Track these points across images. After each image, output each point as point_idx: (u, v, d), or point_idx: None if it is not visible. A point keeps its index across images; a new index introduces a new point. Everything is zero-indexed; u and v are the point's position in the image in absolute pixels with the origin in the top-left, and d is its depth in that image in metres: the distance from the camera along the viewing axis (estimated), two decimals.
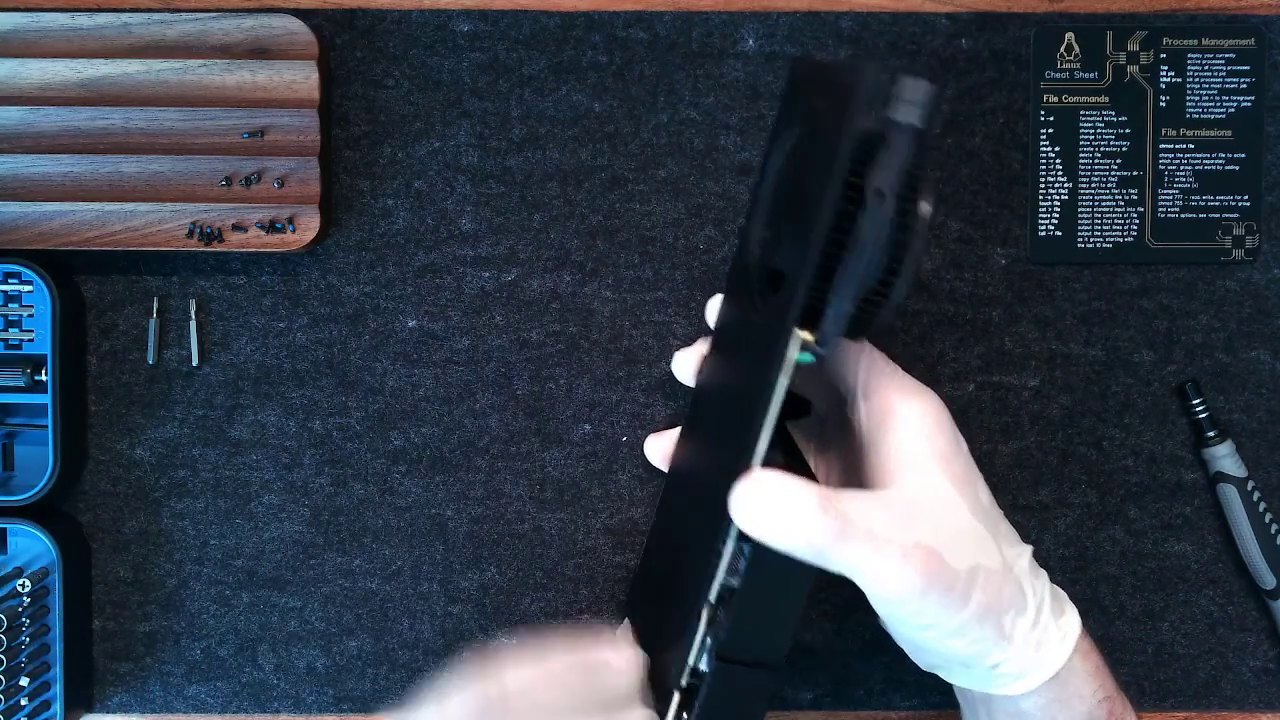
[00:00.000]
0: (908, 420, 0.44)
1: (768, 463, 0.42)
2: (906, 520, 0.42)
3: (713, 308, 0.52)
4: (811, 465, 0.51)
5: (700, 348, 0.52)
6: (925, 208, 0.39)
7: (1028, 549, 0.46)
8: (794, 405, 0.49)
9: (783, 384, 0.41)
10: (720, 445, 0.46)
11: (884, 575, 0.41)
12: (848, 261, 0.38)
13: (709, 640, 0.43)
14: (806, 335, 0.40)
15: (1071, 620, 0.46)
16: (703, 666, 0.44)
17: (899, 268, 0.39)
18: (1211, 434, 0.58)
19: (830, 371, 0.48)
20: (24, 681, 0.56)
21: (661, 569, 0.51)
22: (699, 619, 0.43)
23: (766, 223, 0.46)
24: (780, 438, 0.48)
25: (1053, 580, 0.60)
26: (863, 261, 0.38)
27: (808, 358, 0.41)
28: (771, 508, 0.41)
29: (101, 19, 0.56)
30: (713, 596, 0.43)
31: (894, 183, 0.37)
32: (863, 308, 0.40)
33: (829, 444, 0.51)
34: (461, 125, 0.58)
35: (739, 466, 0.42)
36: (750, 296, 0.45)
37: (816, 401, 0.52)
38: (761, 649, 0.43)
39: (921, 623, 0.43)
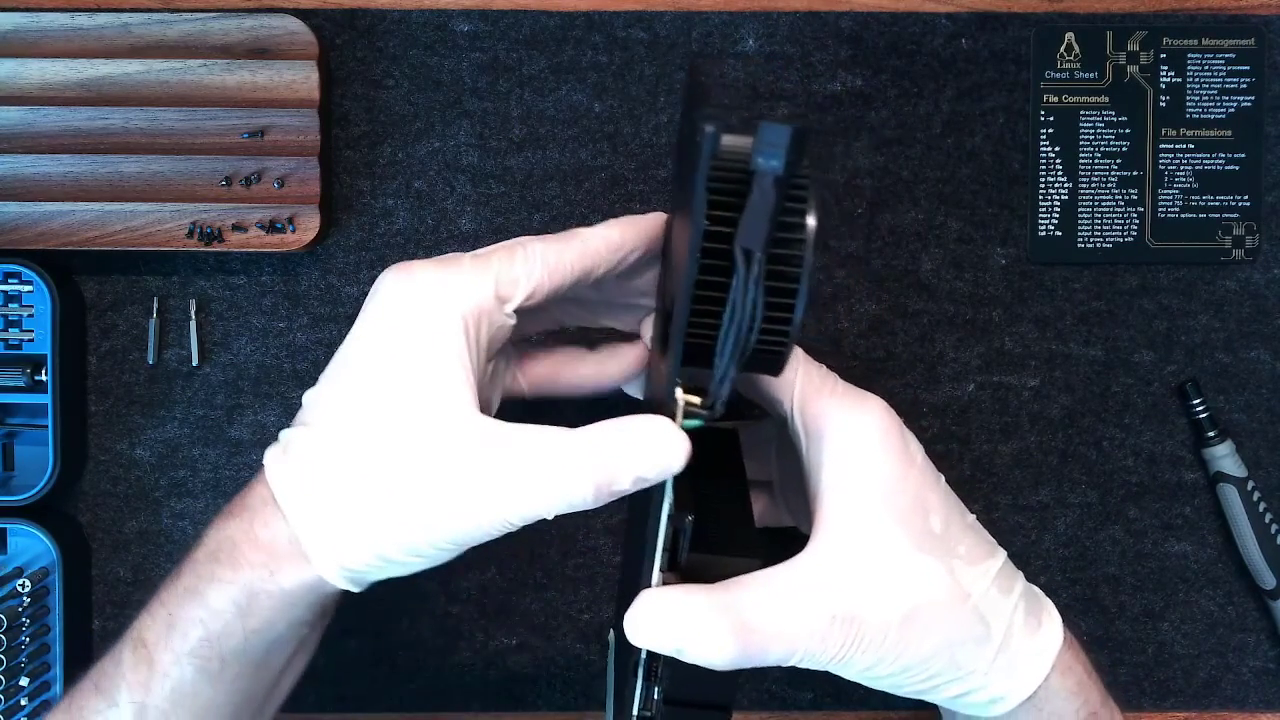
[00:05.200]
0: (845, 451, 0.42)
1: (703, 500, 0.40)
2: (822, 590, 0.40)
3: (648, 326, 0.48)
4: (769, 471, 0.50)
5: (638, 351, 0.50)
6: (810, 226, 0.37)
7: (995, 562, 0.43)
8: (748, 408, 0.47)
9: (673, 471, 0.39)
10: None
11: (806, 660, 0.40)
12: (725, 326, 0.36)
13: (655, 687, 0.42)
14: (693, 399, 0.38)
15: (1050, 634, 0.43)
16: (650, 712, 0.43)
17: (791, 305, 0.37)
18: (1211, 434, 0.58)
19: (764, 391, 0.45)
20: (24, 681, 0.56)
21: (623, 594, 0.50)
22: (635, 675, 0.42)
23: (666, 253, 0.44)
24: (727, 448, 0.47)
25: (1052, 581, 0.60)
26: (740, 322, 0.36)
27: (696, 422, 0.39)
28: (666, 636, 0.39)
29: (101, 19, 0.56)
30: (644, 654, 0.42)
31: (761, 239, 0.35)
32: (764, 347, 0.38)
33: (786, 447, 0.48)
34: (461, 125, 0.58)
35: (640, 576, 0.40)
36: (661, 331, 0.43)
37: (766, 406, 0.48)
38: (708, 692, 0.42)
39: (859, 675, 0.42)
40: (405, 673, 0.59)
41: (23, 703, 0.55)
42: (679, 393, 0.38)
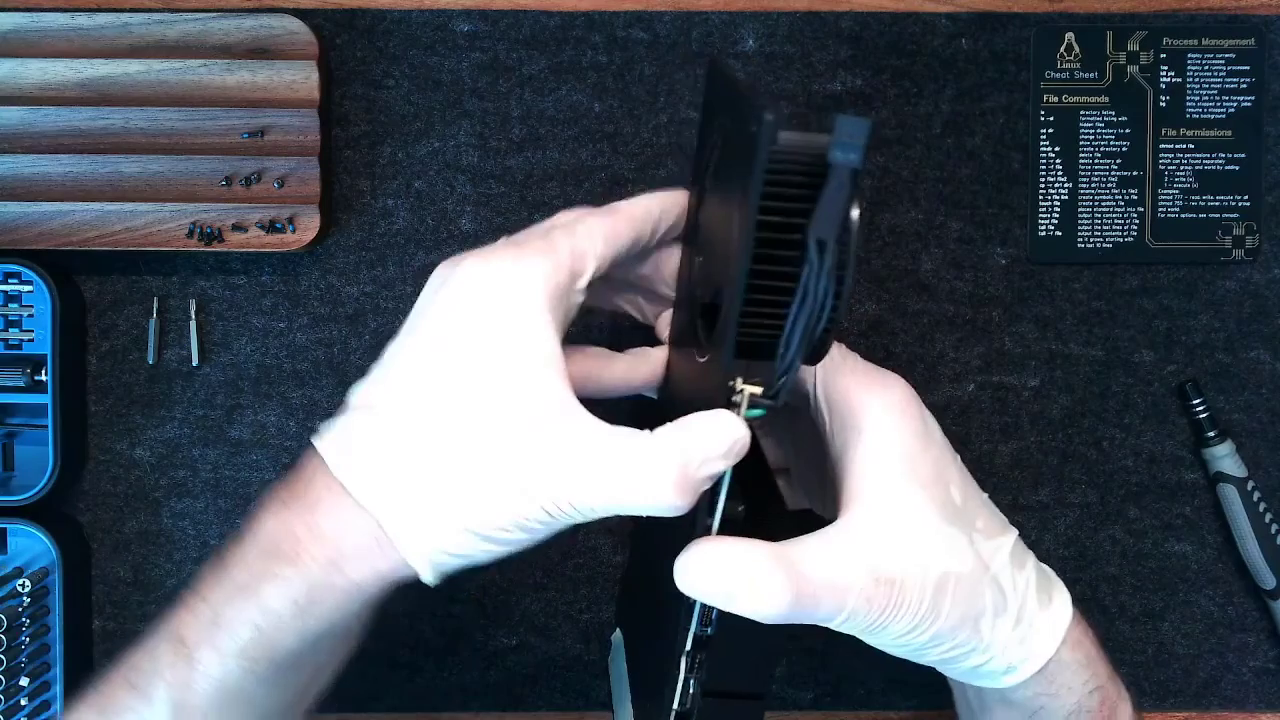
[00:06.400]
0: (870, 425, 0.42)
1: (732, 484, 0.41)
2: (867, 552, 0.40)
3: (664, 323, 0.49)
4: (786, 459, 0.50)
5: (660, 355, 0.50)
6: (854, 219, 0.37)
7: (1009, 538, 0.44)
8: None
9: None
10: None
11: (850, 620, 0.40)
12: (794, 316, 0.37)
13: (692, 679, 0.43)
14: (754, 389, 0.39)
15: (1060, 610, 0.45)
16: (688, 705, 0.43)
17: (841, 292, 0.37)
18: (1211, 434, 0.58)
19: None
20: (24, 681, 0.56)
21: (644, 594, 0.49)
22: (677, 668, 0.42)
23: (698, 245, 0.44)
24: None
25: None
26: (811, 312, 0.36)
27: (759, 411, 0.39)
28: (722, 579, 0.39)
29: (101, 19, 0.56)
30: (688, 645, 0.42)
31: (836, 229, 0.35)
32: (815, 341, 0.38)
33: (803, 436, 0.48)
34: (461, 125, 0.58)
35: (693, 529, 0.40)
36: (693, 322, 0.43)
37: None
38: (746, 682, 0.42)
39: (892, 642, 0.42)
40: (405, 673, 0.59)
41: (23, 703, 0.55)
42: (740, 383, 0.39)
